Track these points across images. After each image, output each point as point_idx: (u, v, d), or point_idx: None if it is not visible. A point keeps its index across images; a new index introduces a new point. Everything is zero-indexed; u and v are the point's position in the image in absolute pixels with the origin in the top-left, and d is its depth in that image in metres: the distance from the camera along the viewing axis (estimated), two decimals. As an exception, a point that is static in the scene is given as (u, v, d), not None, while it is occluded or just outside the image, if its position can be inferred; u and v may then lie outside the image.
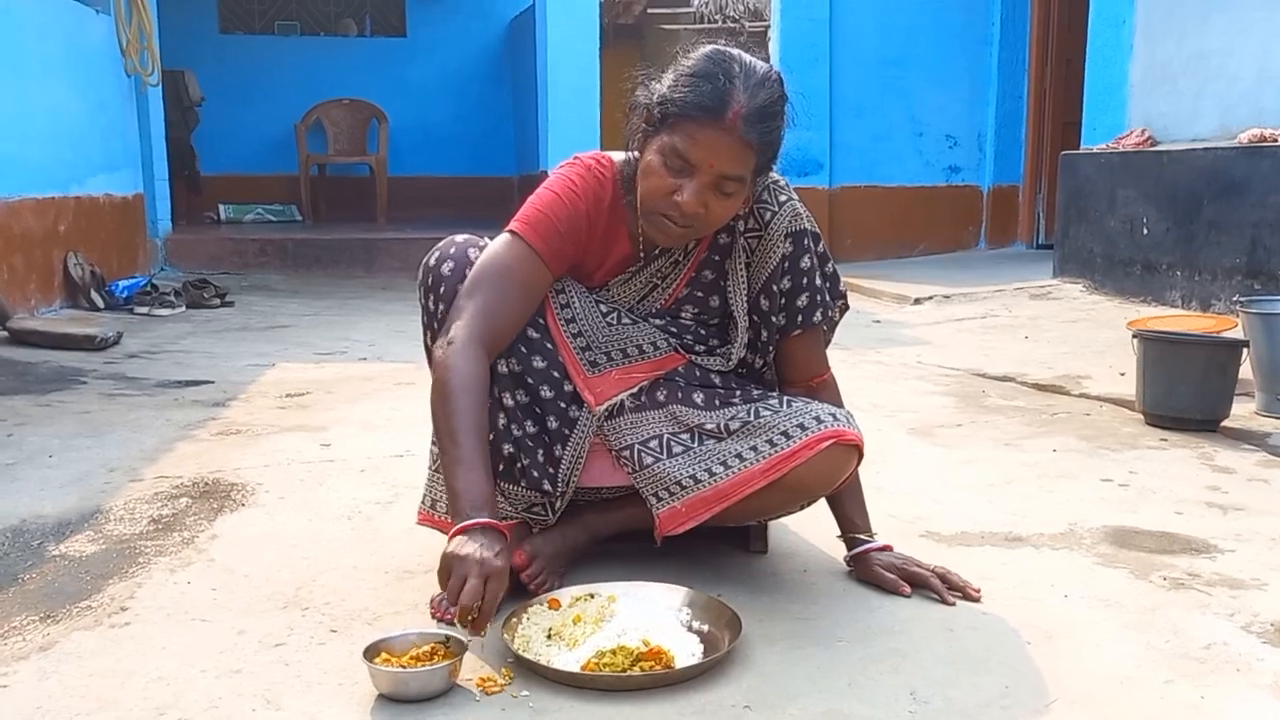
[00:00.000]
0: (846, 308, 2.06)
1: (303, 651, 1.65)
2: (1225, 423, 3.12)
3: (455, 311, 1.78)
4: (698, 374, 1.94)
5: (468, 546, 1.53)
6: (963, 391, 3.74)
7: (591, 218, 1.85)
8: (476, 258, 1.83)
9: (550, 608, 1.73)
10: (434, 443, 1.86)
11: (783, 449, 1.78)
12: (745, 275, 1.89)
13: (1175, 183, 5.36)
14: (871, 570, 1.91)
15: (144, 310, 5.50)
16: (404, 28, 10.27)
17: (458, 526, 1.57)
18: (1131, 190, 5.66)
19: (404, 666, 1.51)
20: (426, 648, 1.56)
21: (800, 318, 1.92)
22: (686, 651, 1.60)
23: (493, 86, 10.20)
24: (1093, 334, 4.84)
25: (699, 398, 1.90)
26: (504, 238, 1.83)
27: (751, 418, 1.83)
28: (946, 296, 6.14)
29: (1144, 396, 3.20)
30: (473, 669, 1.56)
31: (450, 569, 1.52)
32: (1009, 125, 8.28)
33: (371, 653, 1.53)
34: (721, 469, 1.80)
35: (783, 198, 1.87)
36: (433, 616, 1.76)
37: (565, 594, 1.77)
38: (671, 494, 1.82)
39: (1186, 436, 3.03)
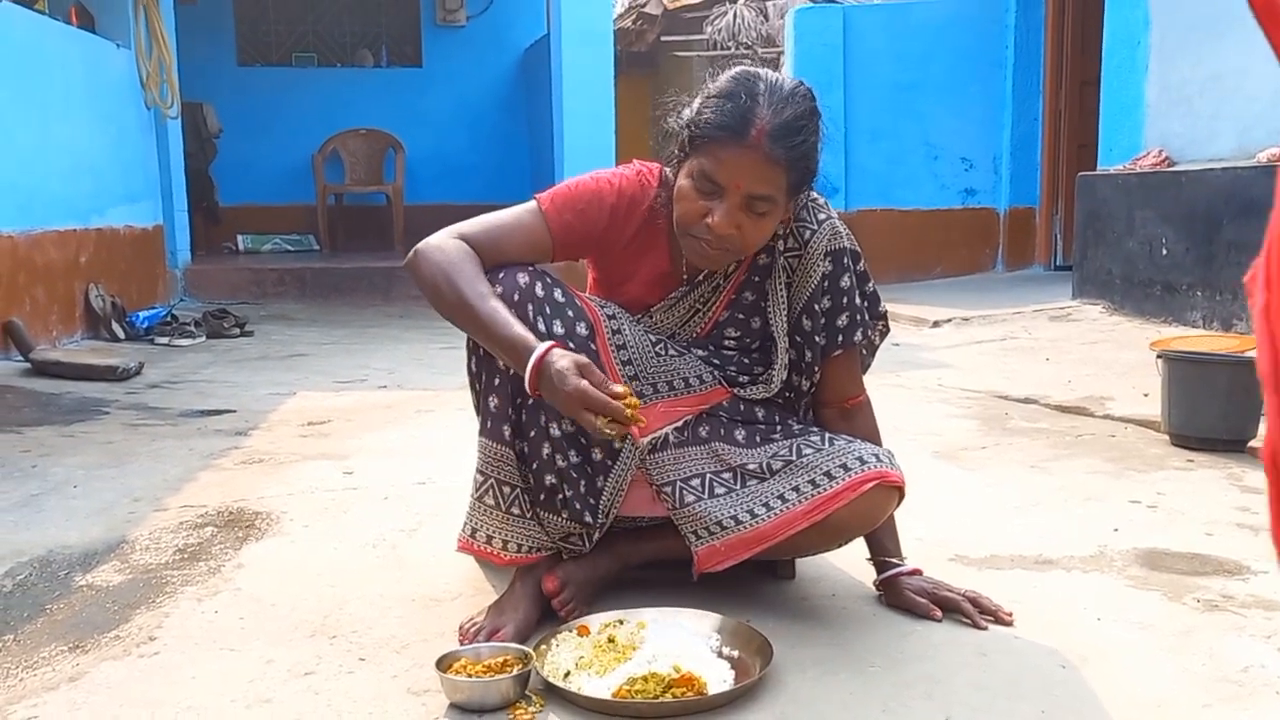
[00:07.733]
0: (887, 330, 2.03)
1: (332, 680, 1.64)
2: (1252, 443, 3.10)
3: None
4: (741, 408, 1.93)
5: (561, 364, 1.60)
6: (985, 414, 3.72)
7: (620, 214, 1.85)
8: (525, 281, 1.78)
9: (579, 634, 1.72)
10: (479, 471, 1.82)
11: (825, 490, 1.77)
12: (785, 296, 1.89)
13: (1193, 203, 5.34)
14: (902, 595, 1.90)
15: (164, 340, 5.54)
16: (420, 58, 10.35)
17: (533, 363, 1.61)
18: (1149, 211, 5.64)
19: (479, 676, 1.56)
20: (499, 659, 1.60)
21: (840, 337, 1.90)
22: (718, 678, 1.59)
23: (508, 115, 10.26)
24: (1114, 355, 4.81)
25: (740, 435, 1.89)
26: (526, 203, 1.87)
27: (794, 456, 1.82)
28: (965, 319, 6.12)
29: (1169, 417, 3.18)
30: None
31: (565, 394, 1.58)
32: (1024, 147, 8.27)
33: (443, 666, 1.58)
34: (764, 510, 1.79)
35: (822, 216, 1.87)
36: (460, 644, 1.74)
37: (595, 620, 1.76)
38: (711, 534, 1.81)
39: (1213, 457, 3.01)
